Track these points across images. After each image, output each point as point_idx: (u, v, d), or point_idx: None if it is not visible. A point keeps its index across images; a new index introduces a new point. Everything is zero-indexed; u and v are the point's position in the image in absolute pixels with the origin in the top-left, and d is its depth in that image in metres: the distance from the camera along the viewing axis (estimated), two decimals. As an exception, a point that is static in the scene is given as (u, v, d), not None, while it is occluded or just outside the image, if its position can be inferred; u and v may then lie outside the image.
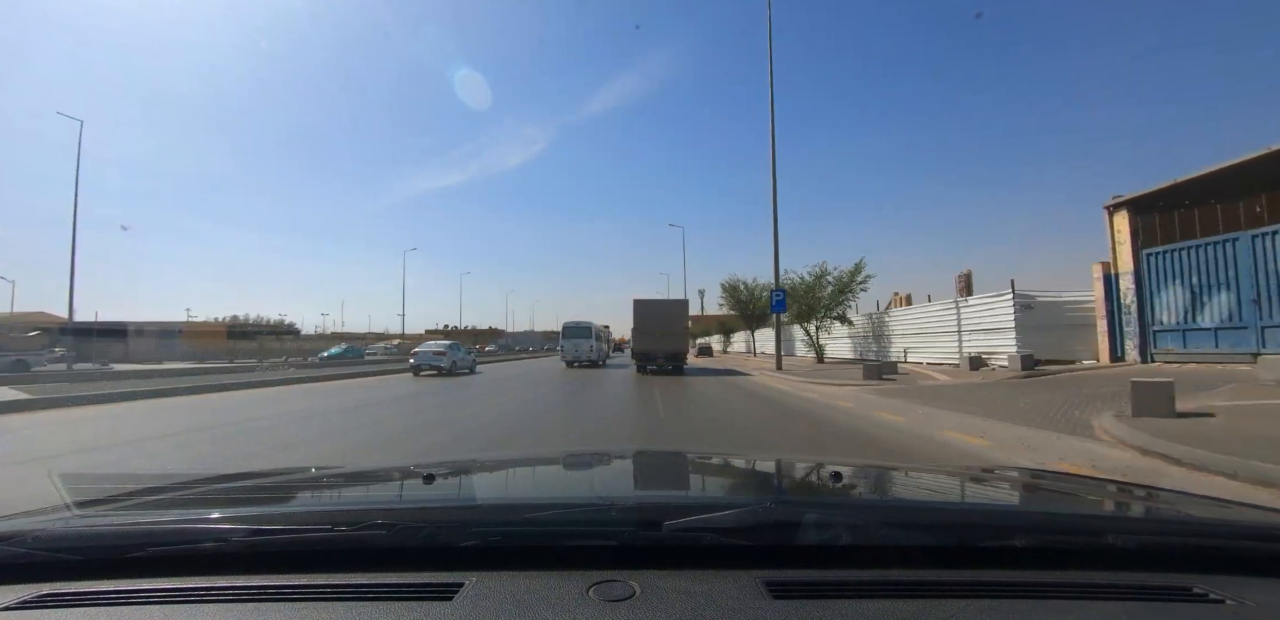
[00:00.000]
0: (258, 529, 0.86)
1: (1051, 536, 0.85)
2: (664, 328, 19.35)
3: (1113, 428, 5.11)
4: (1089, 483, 1.49)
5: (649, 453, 2.28)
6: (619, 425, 7.24)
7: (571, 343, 24.55)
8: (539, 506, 0.94)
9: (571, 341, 24.57)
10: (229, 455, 5.34)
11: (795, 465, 1.84)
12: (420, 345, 21.62)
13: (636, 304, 20.45)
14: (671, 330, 19.61)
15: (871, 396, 9.18)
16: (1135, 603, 0.71)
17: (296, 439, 6.49)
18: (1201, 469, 3.79)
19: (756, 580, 0.73)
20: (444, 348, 20.31)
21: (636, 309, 20.33)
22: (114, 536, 0.88)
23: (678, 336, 19.90)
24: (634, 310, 20.28)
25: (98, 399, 10.41)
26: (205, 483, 1.47)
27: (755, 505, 0.92)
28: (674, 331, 19.71)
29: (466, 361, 21.52)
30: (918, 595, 0.71)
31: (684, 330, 20.73)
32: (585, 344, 24.48)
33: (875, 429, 6.43)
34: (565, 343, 24.80)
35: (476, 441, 6.08)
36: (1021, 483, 1.53)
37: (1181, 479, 3.67)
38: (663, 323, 19.48)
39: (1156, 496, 1.27)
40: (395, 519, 0.86)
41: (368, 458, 5.22)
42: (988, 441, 5.29)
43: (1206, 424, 5.02)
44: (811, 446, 5.63)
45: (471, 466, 1.88)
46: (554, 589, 0.71)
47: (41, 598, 0.74)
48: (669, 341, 19.28)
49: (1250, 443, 4.06)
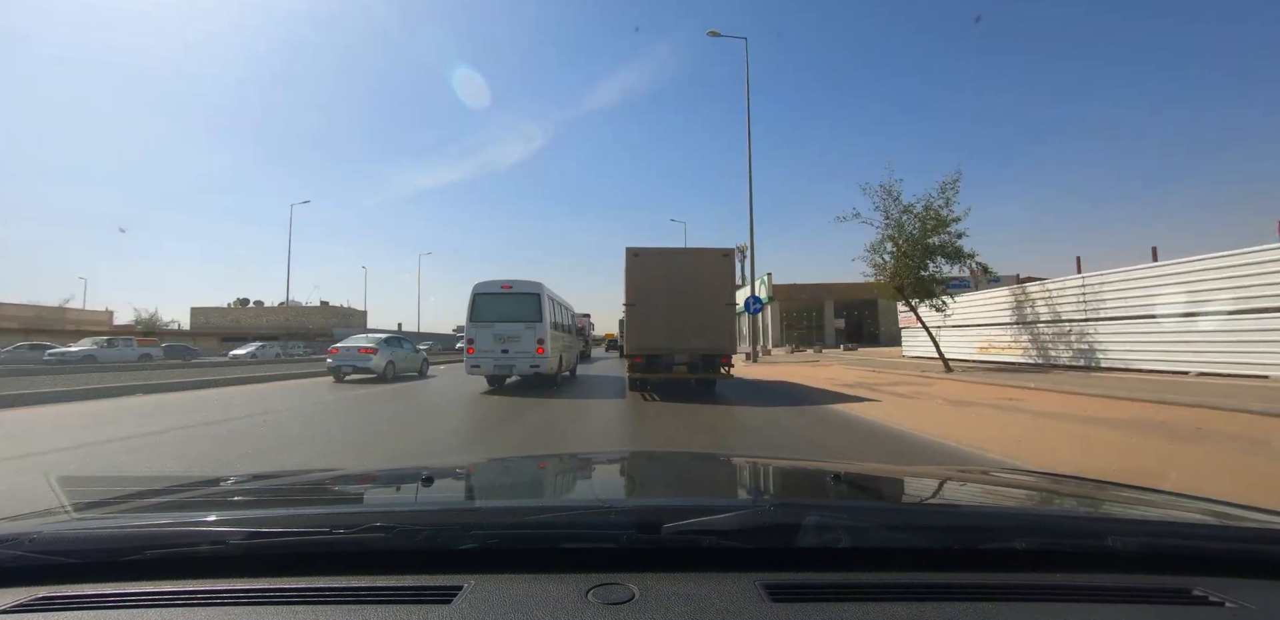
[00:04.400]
0: (256, 532, 0.85)
1: (1052, 539, 0.85)
2: (689, 301, 9.75)
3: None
4: (1088, 485, 1.49)
5: (648, 455, 2.28)
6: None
7: (489, 332, 11.05)
8: (538, 509, 0.94)
9: (489, 330, 11.06)
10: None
11: (795, 467, 1.84)
12: (344, 341, 15.54)
13: (632, 260, 9.99)
14: (703, 308, 9.77)
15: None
16: (1135, 605, 0.71)
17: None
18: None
19: (755, 583, 0.73)
20: (375, 343, 14.38)
21: (633, 268, 9.96)
22: (111, 539, 0.88)
23: (715, 319, 9.87)
24: (627, 270, 9.96)
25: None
26: (203, 485, 1.47)
27: (754, 508, 0.92)
28: (707, 310, 9.80)
29: (413, 362, 15.76)
30: (917, 598, 0.71)
31: (727, 307, 10.13)
32: (523, 334, 11.09)
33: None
34: (476, 331, 11.10)
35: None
36: (1021, 485, 1.53)
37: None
38: (685, 292, 9.77)
39: (1157, 499, 1.27)
40: (394, 522, 0.86)
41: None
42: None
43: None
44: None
45: (471, 469, 1.88)
46: (553, 592, 0.71)
47: (39, 600, 0.74)
48: (697, 330, 9.69)
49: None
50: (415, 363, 16.09)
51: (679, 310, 9.76)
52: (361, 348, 14.35)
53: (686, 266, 10.10)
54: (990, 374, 11.93)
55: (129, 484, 1.98)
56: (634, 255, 10.03)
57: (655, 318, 9.81)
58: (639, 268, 10.00)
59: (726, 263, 10.28)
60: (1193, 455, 4.54)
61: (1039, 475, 1.70)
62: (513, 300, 11.44)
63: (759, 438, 6.08)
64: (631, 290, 9.94)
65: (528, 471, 1.83)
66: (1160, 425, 5.74)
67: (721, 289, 10.11)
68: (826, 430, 6.25)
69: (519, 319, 11.18)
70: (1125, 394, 7.68)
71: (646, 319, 9.89)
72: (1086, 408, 7.04)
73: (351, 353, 14.25)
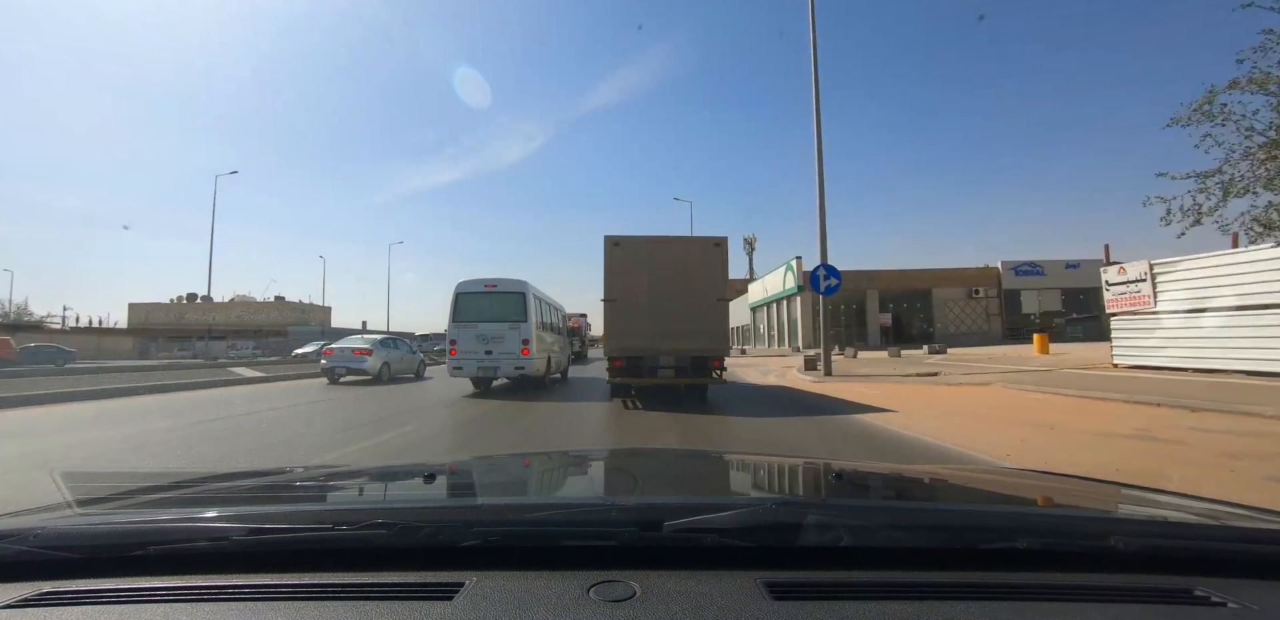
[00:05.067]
0: (258, 528, 0.86)
1: (1053, 539, 0.85)
2: (676, 297, 8.72)
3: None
4: (1091, 484, 1.49)
5: (650, 452, 2.28)
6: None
7: (472, 332, 10.71)
8: (540, 506, 0.94)
9: (472, 330, 10.73)
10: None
11: (797, 466, 1.84)
12: (337, 341, 15.57)
13: (612, 249, 8.95)
14: (692, 305, 8.73)
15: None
16: (1136, 605, 0.71)
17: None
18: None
19: (757, 581, 0.73)
20: (369, 345, 14.53)
21: (613, 259, 8.93)
22: (114, 535, 0.88)
23: (705, 317, 8.86)
24: (606, 262, 8.94)
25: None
26: (206, 481, 1.48)
27: (756, 506, 0.92)
28: (697, 307, 8.76)
29: (409, 363, 15.80)
30: (919, 597, 0.71)
31: (719, 303, 9.14)
32: (507, 335, 10.70)
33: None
34: (459, 331, 10.78)
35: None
36: (1023, 484, 1.53)
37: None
38: (672, 286, 8.73)
39: (1158, 499, 1.27)
40: (396, 518, 0.86)
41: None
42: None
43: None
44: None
45: (472, 466, 1.89)
46: (554, 589, 0.71)
47: (42, 596, 0.74)
48: (685, 330, 8.66)
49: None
50: (411, 364, 15.92)
51: (665, 307, 8.67)
52: (356, 349, 14.23)
53: (674, 258, 8.91)
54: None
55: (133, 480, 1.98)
56: (614, 245, 8.87)
57: (637, 316, 8.73)
58: (619, 259, 8.86)
59: (718, 253, 8.93)
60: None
61: (1041, 475, 1.70)
62: (497, 299, 10.97)
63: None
64: (611, 284, 8.86)
65: (530, 469, 1.84)
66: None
67: (713, 283, 8.99)
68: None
69: (503, 319, 10.74)
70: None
71: (628, 317, 8.79)
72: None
73: (346, 354, 14.11)
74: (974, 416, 7.01)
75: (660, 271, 8.80)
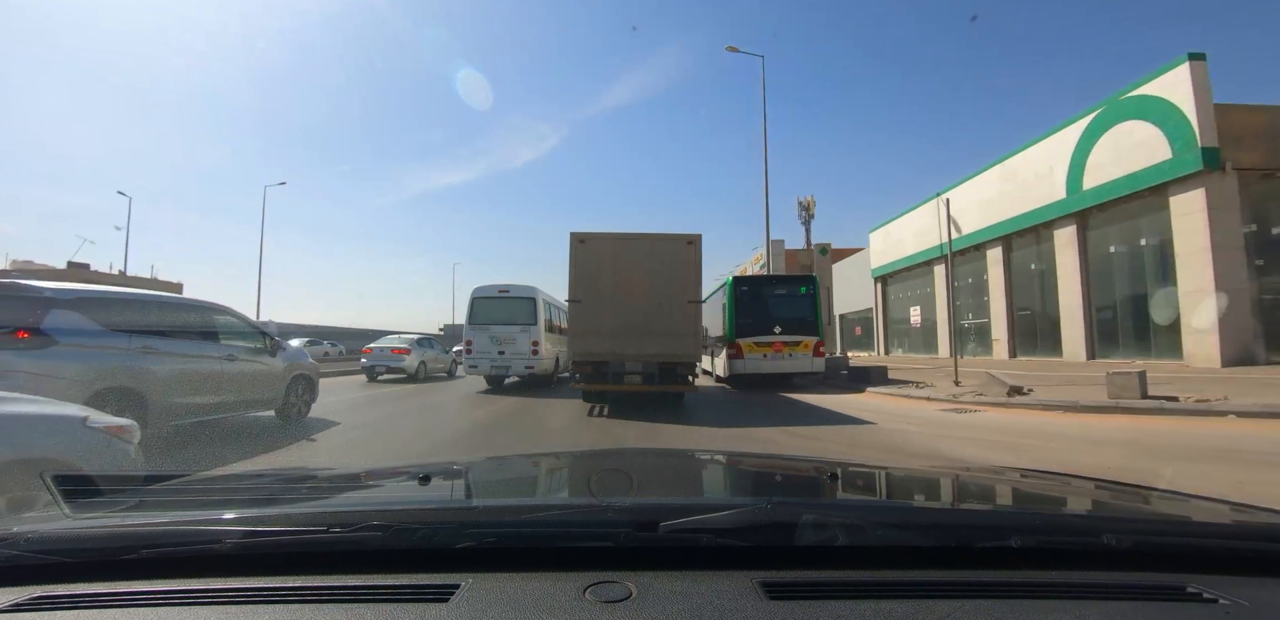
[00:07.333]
0: (252, 530, 0.85)
1: (1047, 537, 0.85)
2: (644, 298, 8.28)
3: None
4: (1084, 483, 1.50)
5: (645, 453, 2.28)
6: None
7: (486, 334, 11.56)
8: (535, 508, 0.94)
9: (486, 332, 11.57)
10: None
11: (793, 466, 1.85)
12: (375, 341, 16.12)
13: (577, 247, 8.47)
14: (661, 306, 8.25)
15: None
16: (1130, 602, 0.71)
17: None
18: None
19: (753, 581, 0.73)
20: (407, 344, 15.26)
21: (578, 257, 8.47)
22: (107, 538, 0.87)
23: (675, 320, 8.32)
24: (571, 260, 8.47)
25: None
26: (199, 484, 1.47)
27: (752, 506, 0.92)
28: (666, 309, 8.27)
29: (442, 363, 16.71)
30: (914, 596, 0.71)
31: (690, 305, 8.50)
32: (518, 336, 11.53)
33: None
34: (474, 333, 11.67)
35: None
36: (1017, 483, 1.54)
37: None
38: (640, 287, 8.31)
39: (1151, 496, 1.28)
40: (391, 520, 0.86)
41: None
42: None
43: None
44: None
45: (467, 468, 1.88)
46: (550, 590, 0.71)
47: (34, 600, 0.73)
48: (653, 333, 8.19)
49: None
50: (445, 363, 17.01)
51: (631, 309, 8.22)
52: (395, 348, 15.05)
53: (642, 256, 8.40)
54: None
55: (126, 482, 1.97)
56: (579, 242, 8.42)
57: (602, 318, 8.27)
58: (585, 257, 8.39)
59: (691, 252, 8.43)
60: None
61: (1034, 473, 1.71)
62: (509, 304, 12.02)
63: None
64: (575, 284, 8.39)
65: (525, 469, 1.83)
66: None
67: (685, 284, 8.45)
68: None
69: (515, 322, 11.71)
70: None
71: (593, 319, 8.34)
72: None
73: (384, 354, 14.98)
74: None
75: (627, 271, 8.37)
